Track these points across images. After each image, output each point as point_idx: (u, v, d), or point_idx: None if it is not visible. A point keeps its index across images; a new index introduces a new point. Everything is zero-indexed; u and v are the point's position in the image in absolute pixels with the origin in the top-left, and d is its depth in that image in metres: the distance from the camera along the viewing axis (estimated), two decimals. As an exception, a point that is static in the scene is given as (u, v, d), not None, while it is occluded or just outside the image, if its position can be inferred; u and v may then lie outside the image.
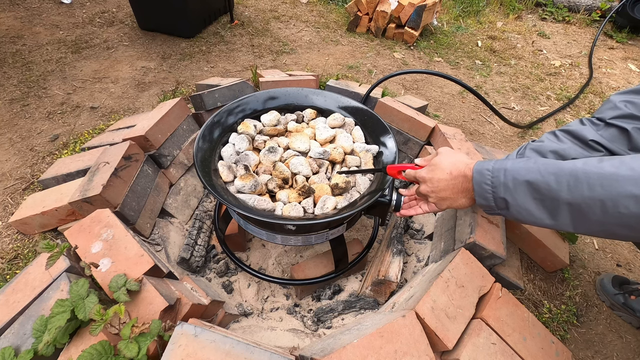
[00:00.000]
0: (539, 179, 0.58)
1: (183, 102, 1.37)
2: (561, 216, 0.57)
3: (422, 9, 2.42)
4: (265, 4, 2.98)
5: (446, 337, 0.77)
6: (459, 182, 0.71)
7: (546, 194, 0.57)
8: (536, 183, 0.58)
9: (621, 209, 0.50)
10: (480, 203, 0.67)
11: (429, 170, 0.76)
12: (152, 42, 2.28)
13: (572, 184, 0.54)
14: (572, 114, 2.05)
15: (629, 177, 0.50)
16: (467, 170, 0.69)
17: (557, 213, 0.57)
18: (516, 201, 0.61)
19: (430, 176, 0.75)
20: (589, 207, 0.53)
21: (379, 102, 1.50)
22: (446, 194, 0.73)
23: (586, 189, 0.53)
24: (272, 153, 1.01)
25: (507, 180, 0.62)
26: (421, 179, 0.78)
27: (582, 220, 0.55)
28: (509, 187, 0.61)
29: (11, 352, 0.68)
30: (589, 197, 0.53)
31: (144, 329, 0.66)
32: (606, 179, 0.52)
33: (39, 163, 1.37)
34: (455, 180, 0.71)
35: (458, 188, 0.71)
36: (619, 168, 0.52)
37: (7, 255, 1.05)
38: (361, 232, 1.40)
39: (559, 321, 1.05)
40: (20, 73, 1.87)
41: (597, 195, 0.52)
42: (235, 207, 0.81)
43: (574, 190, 0.54)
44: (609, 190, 0.51)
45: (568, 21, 3.20)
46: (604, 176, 0.52)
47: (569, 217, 0.56)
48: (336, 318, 1.12)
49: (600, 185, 0.52)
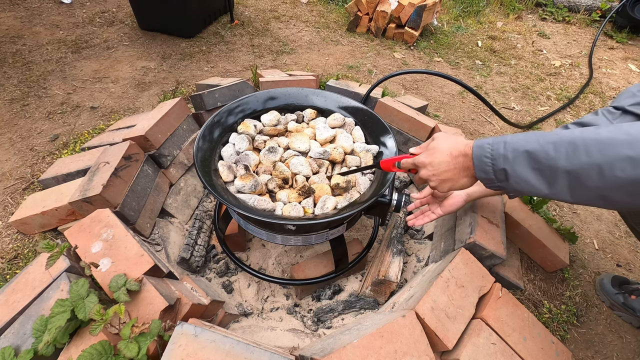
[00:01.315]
0: (537, 149, 0.58)
1: (183, 102, 1.37)
2: (559, 185, 0.57)
3: (422, 9, 2.42)
4: (266, 3, 2.98)
5: (446, 337, 0.77)
6: (460, 162, 0.71)
7: (544, 163, 0.58)
8: (535, 152, 0.59)
9: (617, 172, 0.51)
10: (480, 176, 0.68)
11: (428, 154, 0.76)
12: (152, 42, 2.28)
13: (571, 152, 0.55)
14: (572, 114, 2.05)
15: (624, 141, 0.51)
16: (467, 149, 0.69)
17: (554, 182, 0.58)
18: (515, 172, 0.61)
19: (430, 160, 0.75)
20: (587, 174, 0.54)
21: (379, 102, 1.50)
22: (448, 175, 0.73)
23: (584, 155, 0.54)
24: (272, 153, 1.01)
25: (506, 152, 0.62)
26: (420, 164, 0.78)
27: (580, 187, 0.56)
28: (508, 158, 0.62)
29: (11, 352, 0.68)
30: (587, 162, 0.53)
31: (144, 329, 0.67)
32: (603, 143, 0.52)
33: (39, 163, 1.37)
34: (456, 160, 0.71)
35: (459, 167, 0.71)
36: (616, 133, 0.52)
37: (7, 255, 1.05)
38: (361, 232, 1.40)
39: (559, 321, 1.05)
40: (21, 73, 1.87)
41: (595, 161, 0.53)
42: (235, 207, 0.81)
43: (572, 157, 0.55)
44: (606, 154, 0.52)
45: (568, 21, 3.20)
46: (601, 141, 0.53)
47: (566, 185, 0.57)
48: (336, 318, 1.12)
49: (598, 151, 0.52)
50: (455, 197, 0.95)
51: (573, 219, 1.39)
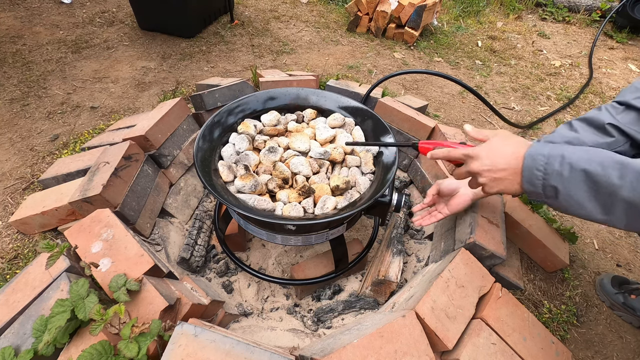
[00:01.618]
0: (599, 171, 0.55)
1: (183, 102, 1.37)
2: (616, 213, 0.55)
3: (422, 9, 2.42)
4: (266, 3, 2.98)
5: (446, 337, 0.77)
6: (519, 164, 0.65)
7: (604, 188, 0.55)
8: (595, 175, 0.55)
9: None
10: (527, 189, 0.64)
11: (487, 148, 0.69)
12: (152, 42, 2.28)
13: (636, 183, 0.52)
14: (572, 114, 2.05)
15: None
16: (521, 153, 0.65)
17: (612, 209, 0.55)
18: (568, 192, 0.58)
19: (486, 154, 0.68)
20: None
21: (379, 102, 1.50)
22: (503, 174, 0.67)
23: None
24: (272, 153, 1.01)
25: (562, 169, 0.58)
26: (475, 155, 0.70)
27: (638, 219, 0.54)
28: (563, 176, 0.58)
29: (11, 352, 0.68)
30: None
31: (144, 329, 0.66)
32: None
33: (39, 163, 1.37)
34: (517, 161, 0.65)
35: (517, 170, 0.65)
36: None
37: (7, 255, 1.05)
38: (361, 232, 1.40)
39: (559, 321, 1.05)
40: (21, 73, 1.87)
41: None
42: (235, 207, 0.81)
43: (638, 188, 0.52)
44: None
45: (568, 21, 3.20)
46: None
47: (624, 215, 0.55)
48: (336, 318, 1.12)
49: None
50: (462, 197, 0.94)
51: (573, 219, 1.39)
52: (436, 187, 0.99)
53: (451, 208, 0.96)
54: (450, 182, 0.95)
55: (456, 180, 0.92)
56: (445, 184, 0.95)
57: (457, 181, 0.93)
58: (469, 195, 0.94)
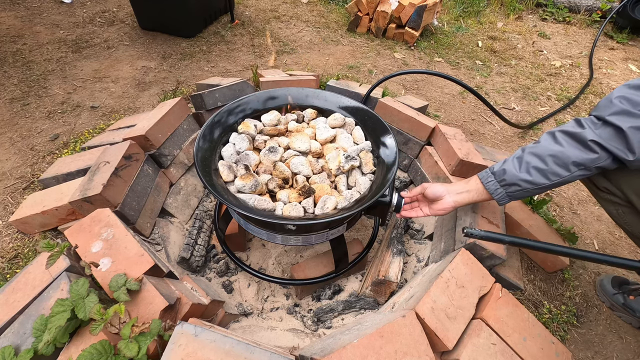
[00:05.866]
0: None
1: (183, 102, 1.37)
2: None
3: (422, 9, 2.42)
4: (266, 3, 2.98)
5: (446, 337, 0.77)
6: None
7: None
8: None
9: None
10: None
11: None
12: (153, 42, 2.28)
13: None
14: (572, 115, 2.05)
15: None
16: None
17: None
18: None
19: None
20: None
21: (380, 102, 1.50)
22: None
23: None
24: (272, 153, 1.01)
25: None
26: None
27: None
28: None
29: (11, 352, 0.68)
30: None
31: (144, 329, 0.67)
32: None
33: (39, 162, 1.37)
34: None
35: None
36: None
37: (7, 254, 1.05)
38: (361, 232, 1.40)
39: (559, 322, 1.05)
40: (21, 72, 1.87)
41: None
42: (235, 207, 0.81)
43: None
44: None
45: (568, 22, 3.20)
46: None
47: None
48: (336, 318, 1.12)
49: None
50: (444, 203, 0.94)
51: (573, 219, 1.39)
52: (421, 189, 0.99)
53: (432, 211, 0.97)
54: (437, 189, 0.94)
55: (442, 188, 0.94)
56: (431, 189, 0.95)
57: (442, 189, 0.94)
58: (450, 203, 0.94)
